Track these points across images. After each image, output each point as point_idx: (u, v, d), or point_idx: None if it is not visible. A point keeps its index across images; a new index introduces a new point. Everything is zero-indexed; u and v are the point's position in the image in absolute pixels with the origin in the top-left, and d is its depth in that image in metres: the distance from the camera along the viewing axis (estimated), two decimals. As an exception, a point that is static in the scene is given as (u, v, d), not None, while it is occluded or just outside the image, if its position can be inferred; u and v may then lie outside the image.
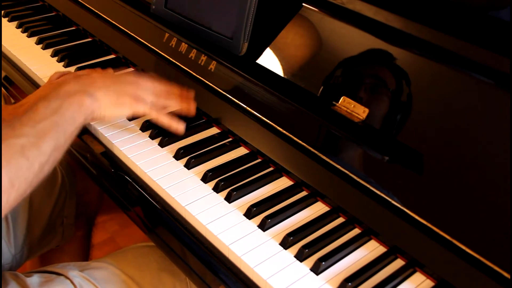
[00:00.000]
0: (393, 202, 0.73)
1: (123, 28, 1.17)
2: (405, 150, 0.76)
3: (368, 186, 0.76)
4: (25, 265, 1.23)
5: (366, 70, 0.84)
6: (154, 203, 0.85)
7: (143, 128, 0.97)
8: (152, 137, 0.95)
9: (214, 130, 0.99)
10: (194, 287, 0.94)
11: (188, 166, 0.88)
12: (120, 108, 0.86)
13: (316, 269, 0.71)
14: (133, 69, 1.01)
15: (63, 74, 1.00)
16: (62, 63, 1.18)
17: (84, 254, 1.39)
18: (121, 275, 0.93)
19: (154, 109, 0.89)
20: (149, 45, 1.11)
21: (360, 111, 0.82)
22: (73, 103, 0.80)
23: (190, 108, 0.94)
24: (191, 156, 0.89)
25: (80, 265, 0.94)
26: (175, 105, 0.92)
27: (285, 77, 0.92)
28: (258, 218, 0.79)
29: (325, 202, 0.83)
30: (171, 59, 1.06)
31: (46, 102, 0.78)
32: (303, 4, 0.94)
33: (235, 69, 0.95)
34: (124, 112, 0.87)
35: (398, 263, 0.74)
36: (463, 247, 0.66)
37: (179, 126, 0.91)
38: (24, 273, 0.91)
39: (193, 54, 1.02)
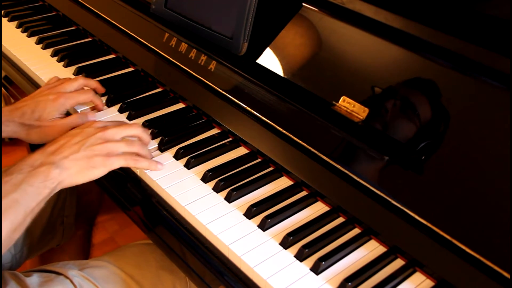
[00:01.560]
0: (393, 202, 0.73)
1: (123, 28, 1.17)
2: (405, 150, 0.76)
3: (368, 186, 0.76)
4: (25, 264, 1.23)
5: (366, 70, 0.84)
6: (154, 203, 0.85)
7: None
8: (152, 137, 0.95)
9: (214, 130, 0.99)
10: (194, 286, 0.94)
11: (188, 166, 0.88)
12: (93, 171, 0.80)
13: (316, 269, 0.71)
14: (90, 114, 0.96)
15: (59, 79, 1.00)
16: (62, 63, 1.18)
17: (84, 253, 1.39)
18: (121, 273, 0.93)
19: (129, 159, 0.84)
20: (149, 45, 1.11)
21: (360, 111, 0.82)
22: (37, 177, 0.74)
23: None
24: (191, 156, 0.89)
25: (80, 264, 0.94)
26: (145, 152, 0.88)
27: (285, 77, 0.92)
28: (258, 218, 0.79)
29: (325, 202, 0.83)
30: (171, 59, 1.06)
31: (8, 176, 0.73)
32: (303, 4, 0.94)
33: (235, 69, 0.95)
34: (98, 174, 0.81)
35: (398, 263, 0.74)
36: (463, 247, 0.66)
37: (157, 166, 0.87)
38: (24, 272, 0.91)
39: (193, 54, 1.02)
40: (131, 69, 1.17)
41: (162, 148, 0.93)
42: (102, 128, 0.85)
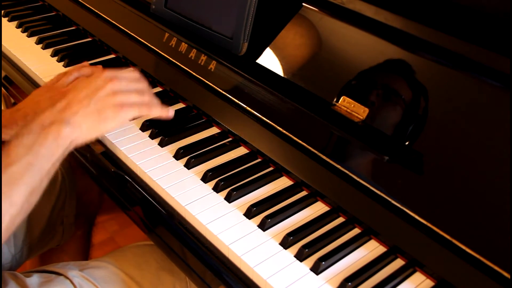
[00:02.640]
0: (393, 201, 0.73)
1: (123, 28, 1.17)
2: (405, 149, 0.76)
3: (368, 186, 0.76)
4: (25, 265, 1.23)
5: (366, 70, 0.84)
6: (154, 202, 0.85)
7: (143, 127, 0.97)
8: (152, 136, 0.95)
9: (214, 130, 0.99)
10: (194, 286, 0.94)
11: (188, 166, 0.88)
12: (105, 123, 0.78)
13: (316, 269, 0.71)
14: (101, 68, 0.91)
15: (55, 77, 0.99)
16: (62, 63, 1.18)
17: (84, 253, 1.39)
18: (121, 274, 0.92)
19: (142, 107, 0.83)
20: (149, 45, 1.11)
21: (360, 111, 0.82)
22: (48, 137, 0.72)
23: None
24: (191, 156, 0.89)
25: (80, 264, 0.93)
26: (157, 101, 0.86)
27: (285, 77, 0.92)
28: (258, 218, 0.79)
29: (325, 202, 0.83)
30: (171, 59, 1.06)
31: (18, 139, 0.71)
32: (303, 4, 0.94)
33: (235, 69, 0.95)
34: (111, 125, 0.79)
35: (398, 263, 0.74)
36: (463, 247, 0.66)
37: (169, 113, 0.86)
38: (24, 272, 0.91)
39: (193, 54, 1.02)
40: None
41: (162, 147, 0.93)
42: (112, 79, 0.81)
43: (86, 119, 0.76)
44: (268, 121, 0.88)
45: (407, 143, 0.77)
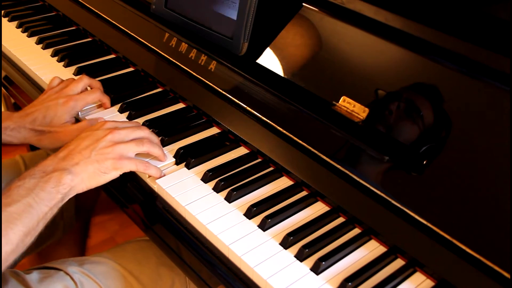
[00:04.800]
0: (393, 202, 0.73)
1: (123, 28, 1.17)
2: (405, 150, 0.76)
3: (368, 186, 0.76)
4: (24, 264, 1.23)
5: (366, 70, 0.84)
6: (154, 202, 0.85)
7: (143, 128, 0.97)
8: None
9: (214, 130, 0.99)
10: (193, 282, 0.94)
11: (188, 166, 0.88)
12: (104, 176, 0.81)
13: (316, 269, 0.71)
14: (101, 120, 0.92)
15: (62, 81, 1.00)
16: (62, 63, 1.18)
17: (80, 248, 1.39)
18: (120, 269, 0.93)
19: (139, 164, 0.84)
20: (149, 45, 1.11)
21: (360, 111, 0.82)
22: (50, 182, 0.75)
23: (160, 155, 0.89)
24: (191, 156, 0.89)
25: (79, 260, 0.94)
26: (156, 150, 0.87)
27: (285, 77, 0.92)
28: (258, 218, 0.79)
29: (325, 202, 0.83)
30: (171, 59, 1.06)
31: (20, 181, 0.74)
32: (303, 4, 0.94)
33: (235, 69, 0.95)
34: (110, 177, 0.82)
35: (398, 263, 0.74)
36: (463, 247, 0.66)
37: (162, 174, 0.87)
38: (23, 270, 0.91)
39: (193, 54, 1.02)
40: (131, 69, 1.18)
41: (162, 147, 0.93)
42: (112, 130, 0.84)
43: (86, 169, 0.79)
44: (268, 121, 0.88)
45: (407, 143, 0.77)
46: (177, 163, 0.90)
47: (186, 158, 0.89)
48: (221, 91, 0.96)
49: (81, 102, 0.97)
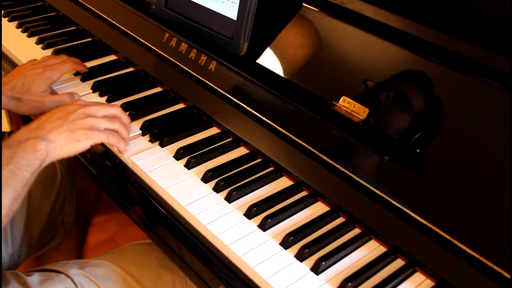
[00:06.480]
0: (393, 202, 0.73)
1: (123, 28, 1.17)
2: (405, 149, 0.76)
3: (368, 186, 0.76)
4: (24, 266, 1.23)
5: (366, 70, 0.84)
6: (154, 202, 0.85)
7: (143, 128, 0.97)
8: (152, 137, 0.95)
9: (214, 130, 0.99)
10: (194, 285, 0.94)
11: (188, 166, 0.88)
12: (76, 144, 0.84)
13: (316, 269, 0.71)
14: (74, 96, 1.01)
15: (48, 59, 1.07)
16: (62, 63, 1.18)
17: (78, 252, 1.39)
18: (121, 272, 0.93)
19: (111, 136, 0.88)
20: (149, 45, 1.11)
21: (360, 111, 0.82)
22: (26, 150, 0.78)
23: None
24: (191, 156, 0.89)
25: (80, 263, 0.94)
26: (124, 132, 0.91)
27: (285, 77, 0.92)
28: (258, 218, 0.79)
29: (325, 202, 0.83)
30: (171, 59, 1.06)
31: None
32: (303, 4, 0.94)
33: (235, 69, 0.95)
34: (82, 146, 0.85)
35: (398, 263, 0.74)
36: (463, 247, 0.66)
37: (127, 151, 0.91)
38: (24, 272, 0.91)
39: (193, 54, 1.02)
40: (131, 69, 1.18)
41: (162, 148, 0.93)
42: (84, 105, 0.88)
43: (59, 137, 0.83)
44: (268, 121, 0.88)
45: (407, 143, 0.77)
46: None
47: (185, 157, 0.89)
48: (221, 91, 0.96)
49: (57, 71, 1.03)
